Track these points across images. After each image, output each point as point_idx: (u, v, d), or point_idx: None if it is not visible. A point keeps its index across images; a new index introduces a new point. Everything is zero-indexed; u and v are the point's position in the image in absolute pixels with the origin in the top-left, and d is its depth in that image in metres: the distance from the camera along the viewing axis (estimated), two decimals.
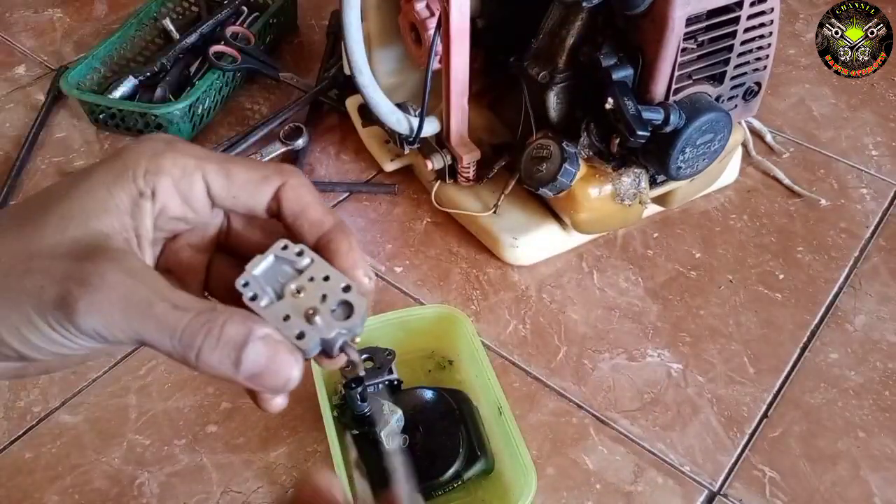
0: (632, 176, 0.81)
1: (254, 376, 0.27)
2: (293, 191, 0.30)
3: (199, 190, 0.30)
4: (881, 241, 0.92)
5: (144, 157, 0.29)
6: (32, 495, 0.70)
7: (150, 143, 0.30)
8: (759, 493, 0.69)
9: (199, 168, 0.30)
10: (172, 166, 0.29)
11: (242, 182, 0.30)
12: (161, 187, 0.29)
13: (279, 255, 0.30)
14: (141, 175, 0.29)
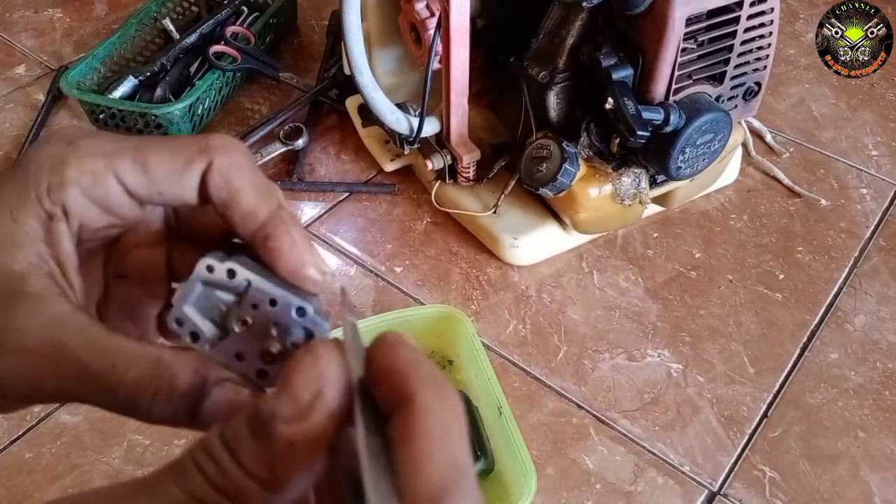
0: (632, 176, 0.81)
1: (213, 423, 0.23)
2: (220, 174, 0.25)
3: (116, 194, 0.25)
4: (881, 241, 0.92)
5: (45, 171, 0.24)
6: (32, 495, 0.70)
7: (48, 148, 0.25)
8: (759, 493, 0.69)
9: (109, 168, 0.25)
10: (79, 174, 0.24)
11: (163, 173, 0.25)
12: (71, 202, 0.24)
13: (207, 279, 0.25)
14: (45, 193, 0.24)
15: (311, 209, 0.96)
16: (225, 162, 0.25)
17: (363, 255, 0.90)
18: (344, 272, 0.88)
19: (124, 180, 0.25)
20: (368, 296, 0.85)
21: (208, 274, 0.25)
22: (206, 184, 0.25)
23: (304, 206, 0.96)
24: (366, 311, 0.83)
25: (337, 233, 0.93)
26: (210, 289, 0.25)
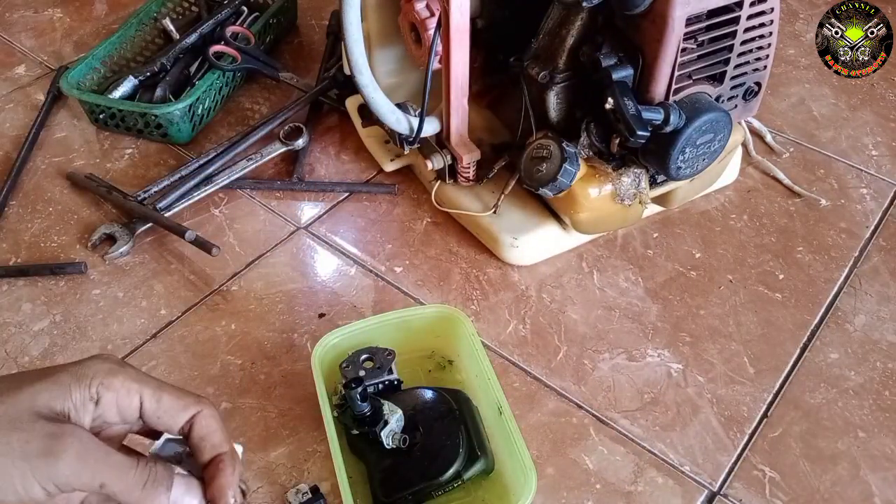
0: (632, 176, 0.81)
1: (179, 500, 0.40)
2: (205, 420, 0.41)
3: (134, 408, 0.40)
4: (881, 241, 0.92)
5: (102, 372, 0.39)
6: None
7: (107, 363, 0.40)
8: (759, 493, 0.69)
9: (138, 392, 0.40)
10: (121, 386, 0.39)
11: (168, 408, 0.40)
12: (105, 399, 0.39)
13: (170, 438, 0.43)
14: (96, 385, 0.38)
15: (311, 209, 0.96)
16: (208, 413, 0.41)
17: (363, 255, 0.90)
18: (344, 272, 0.88)
19: (144, 403, 0.40)
20: (368, 296, 0.85)
21: (167, 442, 0.43)
22: (192, 423, 0.41)
23: (304, 206, 0.96)
24: (365, 311, 0.83)
25: (337, 233, 0.93)
26: (169, 443, 0.43)
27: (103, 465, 0.36)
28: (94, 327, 0.82)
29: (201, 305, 0.84)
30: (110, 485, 0.36)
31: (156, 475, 0.38)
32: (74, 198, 0.97)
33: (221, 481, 0.41)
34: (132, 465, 0.37)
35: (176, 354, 0.80)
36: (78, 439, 0.36)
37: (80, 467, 0.35)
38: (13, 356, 0.80)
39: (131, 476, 0.37)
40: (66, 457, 0.35)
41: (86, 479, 0.36)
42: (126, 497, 0.37)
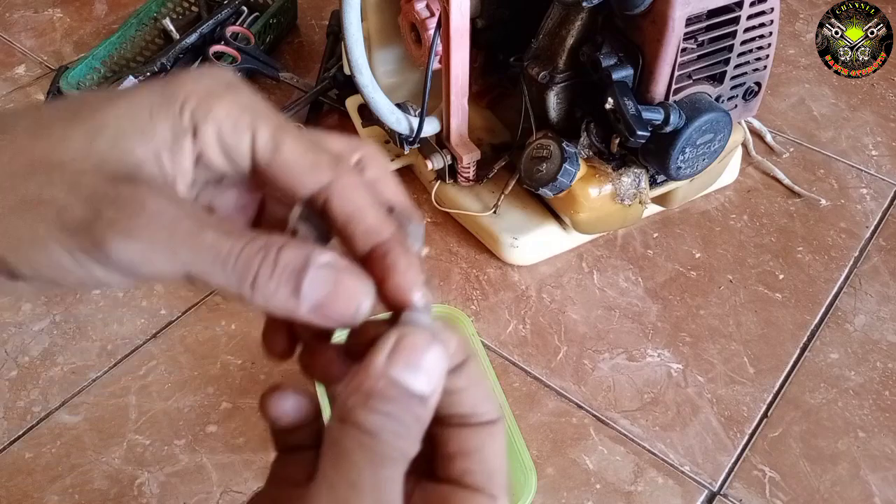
0: (632, 176, 0.81)
1: (317, 307, 0.24)
2: (345, 192, 0.26)
3: (243, 150, 0.26)
4: (881, 241, 0.92)
5: (197, 94, 0.25)
6: (32, 495, 0.70)
7: (207, 79, 0.26)
8: (759, 493, 0.69)
9: (250, 128, 0.26)
10: (226, 116, 0.25)
11: (289, 164, 0.26)
12: (205, 131, 0.25)
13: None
14: (188, 111, 0.25)
15: None
16: (349, 182, 0.26)
17: None
18: None
19: (257, 146, 0.26)
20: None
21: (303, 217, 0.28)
22: (328, 196, 0.26)
23: None
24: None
25: None
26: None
27: (188, 245, 0.23)
28: (94, 327, 0.82)
29: (201, 305, 0.84)
30: (202, 272, 0.23)
31: (281, 263, 0.24)
32: None
33: (396, 282, 0.26)
34: (237, 243, 0.23)
35: (176, 354, 0.80)
36: (146, 206, 0.23)
37: (146, 249, 0.23)
38: (13, 356, 0.80)
39: (233, 262, 0.23)
40: (116, 235, 0.22)
41: (161, 266, 0.23)
42: (231, 292, 0.24)
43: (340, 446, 0.23)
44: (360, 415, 0.23)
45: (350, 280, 0.25)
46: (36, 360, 0.79)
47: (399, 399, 0.24)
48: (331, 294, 0.24)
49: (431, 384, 0.24)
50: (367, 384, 0.24)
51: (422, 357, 0.24)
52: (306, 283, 0.24)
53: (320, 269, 0.24)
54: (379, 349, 0.24)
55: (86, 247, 0.23)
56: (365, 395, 0.24)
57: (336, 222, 0.26)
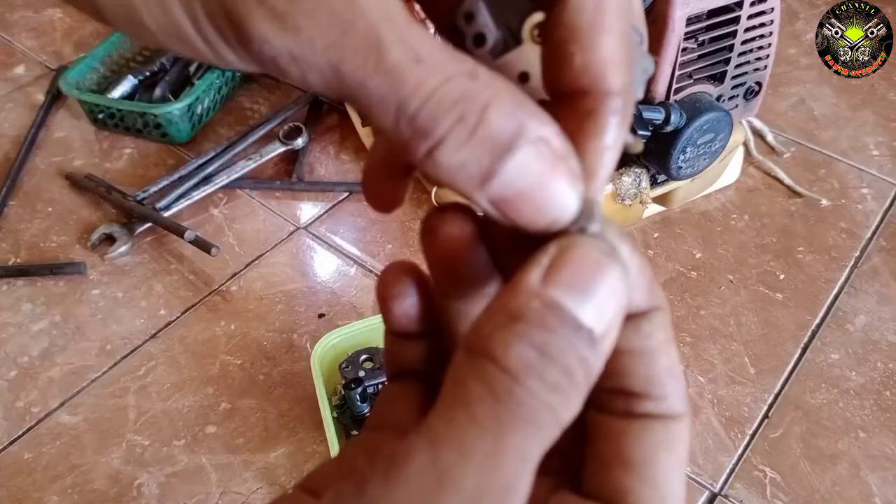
0: (632, 176, 0.81)
1: (506, 200, 0.17)
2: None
3: None
4: (882, 241, 0.92)
5: None
6: (32, 495, 0.69)
7: None
8: (760, 493, 0.69)
9: None
10: None
11: None
12: None
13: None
14: None
15: (310, 209, 0.96)
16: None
17: (363, 255, 0.90)
18: (344, 272, 0.88)
19: None
20: (368, 296, 0.85)
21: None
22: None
23: (304, 205, 0.96)
24: (365, 312, 0.83)
25: (337, 233, 0.93)
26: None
27: (363, 60, 0.16)
28: (94, 327, 0.82)
29: (201, 305, 0.84)
30: (369, 105, 0.16)
31: (485, 127, 0.16)
32: (74, 198, 0.97)
33: (596, 144, 0.18)
34: (433, 76, 0.16)
35: (175, 354, 0.80)
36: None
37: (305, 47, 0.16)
38: (13, 356, 0.80)
39: (418, 105, 0.16)
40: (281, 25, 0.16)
41: (315, 80, 0.16)
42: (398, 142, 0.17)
43: (462, 389, 0.16)
44: (499, 343, 0.16)
45: (562, 176, 0.17)
46: (35, 361, 0.79)
47: (559, 330, 0.16)
48: (530, 189, 0.17)
49: (604, 319, 0.16)
50: (514, 303, 0.16)
51: (594, 278, 0.16)
52: (508, 167, 0.16)
53: (530, 149, 0.17)
54: (534, 262, 0.17)
55: (219, 22, 0.16)
56: (509, 317, 0.16)
57: (560, 31, 0.18)
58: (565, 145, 0.17)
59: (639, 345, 0.18)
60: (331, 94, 0.17)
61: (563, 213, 0.17)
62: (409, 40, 0.16)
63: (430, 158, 0.17)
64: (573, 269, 0.16)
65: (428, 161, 0.17)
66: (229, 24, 0.16)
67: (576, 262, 0.17)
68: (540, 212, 0.17)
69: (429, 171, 0.17)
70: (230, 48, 0.16)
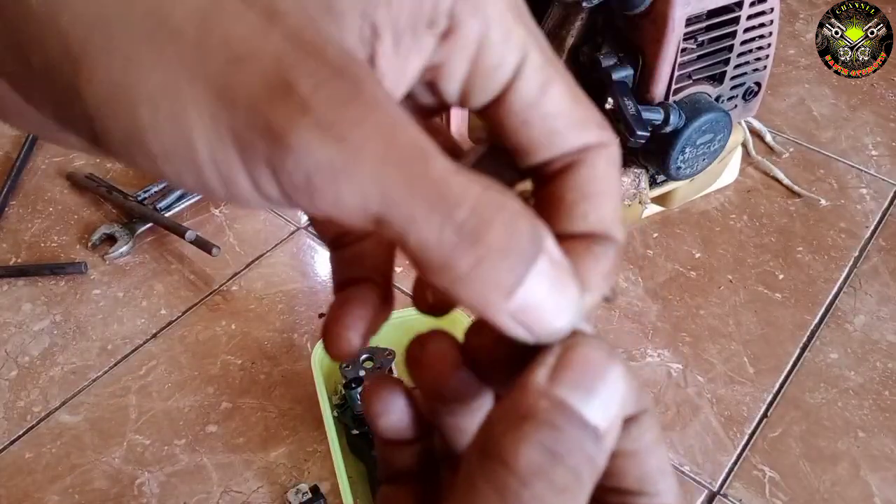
0: (632, 176, 0.81)
1: (526, 310, 0.17)
2: (597, 165, 0.20)
3: (501, 76, 0.18)
4: (881, 241, 0.92)
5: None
6: (33, 495, 0.70)
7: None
8: (759, 493, 0.69)
9: (521, 49, 0.18)
10: (496, 22, 0.18)
11: (550, 112, 0.19)
12: (466, 33, 0.18)
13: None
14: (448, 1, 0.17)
15: None
16: (609, 156, 0.20)
17: None
18: None
19: (523, 76, 0.19)
20: None
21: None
22: (577, 161, 0.20)
23: None
24: None
25: None
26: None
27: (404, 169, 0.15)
28: (95, 327, 0.82)
29: (201, 305, 0.84)
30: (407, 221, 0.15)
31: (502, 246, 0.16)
32: (75, 198, 0.97)
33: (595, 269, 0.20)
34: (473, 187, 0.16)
35: (176, 354, 0.80)
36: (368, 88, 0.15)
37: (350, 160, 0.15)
38: (13, 356, 0.80)
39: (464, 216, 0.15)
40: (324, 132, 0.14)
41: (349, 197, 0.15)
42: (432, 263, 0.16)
43: (472, 491, 0.16)
44: (509, 445, 0.16)
45: (570, 283, 0.17)
46: (36, 360, 0.79)
47: (566, 430, 0.16)
48: (546, 298, 0.17)
49: (608, 417, 0.17)
50: (523, 403, 0.16)
51: (598, 377, 0.17)
52: (532, 276, 0.16)
53: (546, 258, 0.17)
54: (540, 362, 0.17)
55: (249, 138, 0.14)
56: (519, 418, 0.16)
57: (561, 195, 0.20)
58: (563, 255, 0.18)
59: (630, 447, 0.19)
60: (360, 215, 0.15)
61: (568, 321, 0.18)
62: (442, 155, 0.16)
63: (470, 275, 0.16)
64: (578, 368, 0.17)
65: (467, 278, 0.16)
66: (264, 135, 0.14)
67: (580, 363, 0.17)
68: (548, 322, 0.17)
69: (459, 289, 0.16)
70: (250, 174, 0.15)
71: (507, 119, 0.19)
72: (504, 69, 0.18)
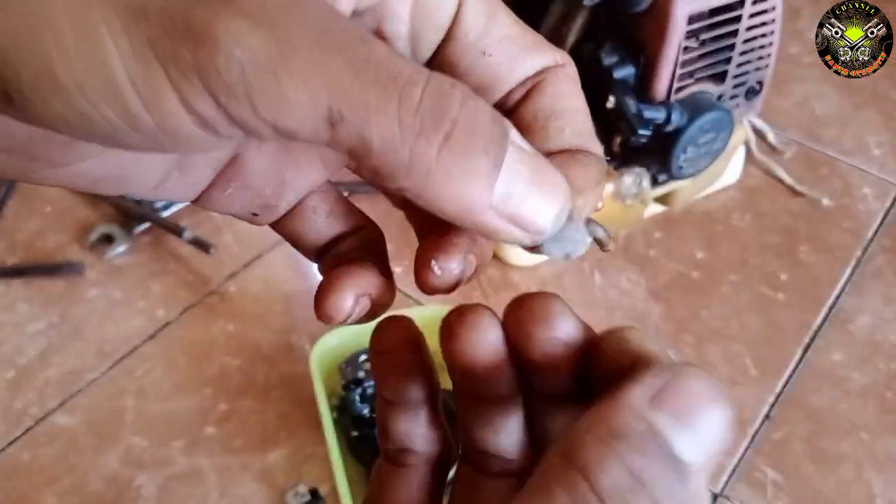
0: (633, 175, 0.80)
1: (510, 200, 0.16)
2: (560, 83, 0.20)
3: (448, 7, 0.18)
4: (884, 241, 0.91)
5: None
6: (30, 497, 0.69)
7: None
8: (762, 495, 0.69)
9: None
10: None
11: (503, 37, 0.19)
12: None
13: None
14: None
15: None
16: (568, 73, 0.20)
17: None
18: None
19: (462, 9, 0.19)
20: None
21: None
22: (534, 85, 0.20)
23: None
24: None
25: None
26: None
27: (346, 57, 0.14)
28: (92, 328, 0.82)
29: (199, 306, 0.84)
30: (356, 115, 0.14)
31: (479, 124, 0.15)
32: (72, 197, 0.97)
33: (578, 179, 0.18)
34: (420, 73, 0.15)
35: (173, 356, 0.79)
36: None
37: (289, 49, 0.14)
38: (10, 357, 0.79)
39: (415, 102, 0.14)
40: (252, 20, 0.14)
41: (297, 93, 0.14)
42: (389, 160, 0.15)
43: (550, 494, 0.15)
44: (595, 460, 0.15)
45: (551, 169, 0.16)
46: (33, 362, 0.79)
47: (654, 457, 0.15)
48: (530, 186, 0.16)
49: (702, 457, 0.15)
50: (617, 420, 0.15)
51: (703, 413, 0.16)
52: (509, 161, 0.15)
53: (517, 146, 0.16)
54: (640, 381, 0.16)
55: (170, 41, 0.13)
56: (610, 434, 0.15)
57: (528, 113, 0.19)
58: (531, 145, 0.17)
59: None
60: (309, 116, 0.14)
61: (561, 213, 0.17)
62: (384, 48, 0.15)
63: (441, 164, 0.15)
64: (683, 398, 0.16)
65: (438, 168, 0.15)
66: (186, 37, 0.13)
67: (686, 392, 0.16)
68: (547, 209, 0.16)
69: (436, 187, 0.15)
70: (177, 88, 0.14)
71: (462, 55, 0.19)
72: (444, 7, 0.18)
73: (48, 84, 0.14)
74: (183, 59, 0.13)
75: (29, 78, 0.14)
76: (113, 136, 0.14)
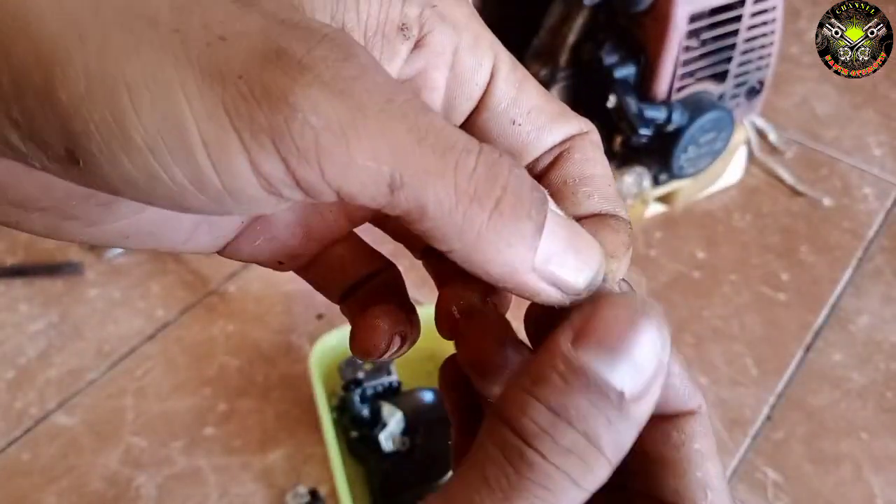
0: (634, 175, 0.80)
1: (550, 262, 0.16)
2: (586, 150, 0.20)
3: (481, 79, 0.19)
4: (884, 241, 0.91)
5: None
6: (30, 497, 0.69)
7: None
8: (762, 495, 0.69)
9: (492, 51, 0.19)
10: (465, 28, 0.19)
11: (532, 107, 0.20)
12: (439, 39, 0.18)
13: None
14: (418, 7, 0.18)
15: None
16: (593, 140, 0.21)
17: None
18: None
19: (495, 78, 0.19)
20: None
21: None
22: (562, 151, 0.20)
23: None
24: None
25: None
26: None
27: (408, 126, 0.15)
28: (91, 328, 0.82)
29: (198, 306, 0.84)
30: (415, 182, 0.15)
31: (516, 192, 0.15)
32: None
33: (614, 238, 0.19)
34: (472, 143, 0.15)
35: (173, 356, 0.79)
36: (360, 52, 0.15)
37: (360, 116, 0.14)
38: (10, 357, 0.79)
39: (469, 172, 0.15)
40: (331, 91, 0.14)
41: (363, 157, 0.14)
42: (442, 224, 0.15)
43: (481, 451, 0.16)
44: (515, 407, 0.15)
45: (585, 234, 0.17)
46: (33, 362, 0.79)
47: (583, 393, 0.15)
48: (567, 249, 0.16)
49: (638, 381, 0.15)
50: (539, 367, 0.15)
51: (627, 336, 0.16)
52: (549, 225, 0.16)
53: (552, 212, 0.16)
54: (565, 324, 0.16)
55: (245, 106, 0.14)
56: (531, 381, 0.15)
57: (557, 180, 0.20)
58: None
59: (670, 454, 0.18)
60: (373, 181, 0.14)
61: (597, 273, 0.17)
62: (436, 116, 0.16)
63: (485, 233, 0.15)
64: (604, 328, 0.16)
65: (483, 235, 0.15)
66: (263, 101, 0.14)
67: (607, 321, 0.16)
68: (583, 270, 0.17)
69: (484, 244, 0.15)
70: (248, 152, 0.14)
71: (493, 122, 0.19)
72: (482, 72, 0.19)
73: (120, 143, 0.14)
74: (257, 123, 0.14)
75: (100, 136, 0.14)
76: (176, 198, 0.15)
